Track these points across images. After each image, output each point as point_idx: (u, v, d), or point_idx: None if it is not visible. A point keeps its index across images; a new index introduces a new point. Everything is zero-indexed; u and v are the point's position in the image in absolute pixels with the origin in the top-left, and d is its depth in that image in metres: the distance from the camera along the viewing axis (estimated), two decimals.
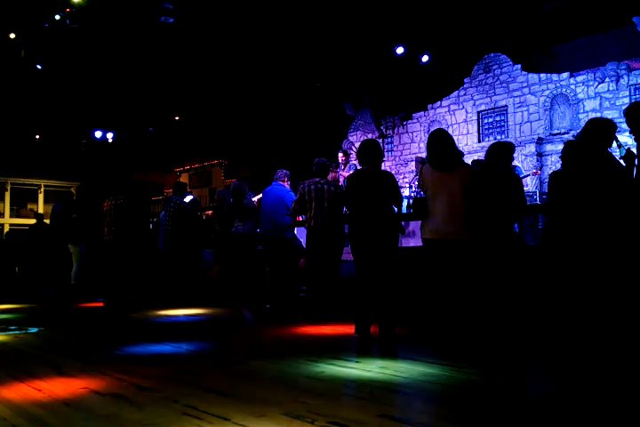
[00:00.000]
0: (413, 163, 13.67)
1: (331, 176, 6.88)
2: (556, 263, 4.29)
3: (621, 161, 4.56)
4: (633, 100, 12.28)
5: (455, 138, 5.15)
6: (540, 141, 13.35)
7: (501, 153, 4.86)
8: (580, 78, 13.11)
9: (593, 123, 4.26)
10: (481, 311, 4.28)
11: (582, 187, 4.11)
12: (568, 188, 4.24)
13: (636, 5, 11.21)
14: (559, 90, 13.42)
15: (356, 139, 17.10)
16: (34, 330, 5.52)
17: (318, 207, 5.96)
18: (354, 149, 13.41)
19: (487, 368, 3.46)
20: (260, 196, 7.28)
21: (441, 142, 4.44)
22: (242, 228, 7.26)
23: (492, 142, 5.23)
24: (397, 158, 16.68)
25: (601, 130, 4.18)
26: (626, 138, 7.25)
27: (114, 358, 4.06)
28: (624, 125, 4.93)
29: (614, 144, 6.57)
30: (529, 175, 9.81)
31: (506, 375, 3.32)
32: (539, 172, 10.16)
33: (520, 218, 5.48)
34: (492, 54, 14.70)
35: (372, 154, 4.84)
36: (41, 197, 29.91)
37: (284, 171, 7.12)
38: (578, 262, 4.07)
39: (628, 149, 4.77)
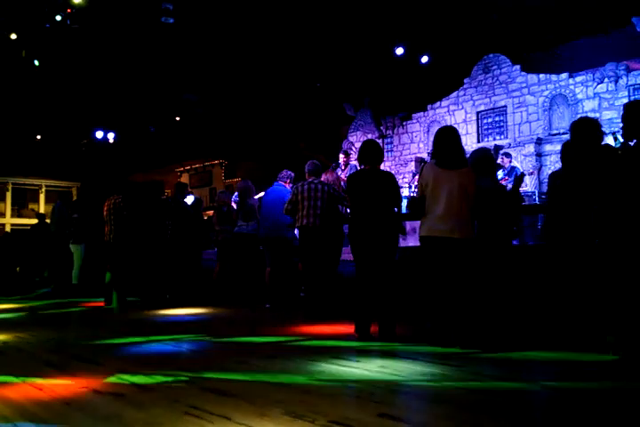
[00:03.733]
0: (413, 163, 13.69)
1: (330, 176, 6.86)
2: (558, 261, 4.28)
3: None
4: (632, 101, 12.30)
5: None
6: (539, 142, 13.37)
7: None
8: (579, 79, 13.12)
9: (576, 124, 4.24)
10: (476, 309, 4.26)
11: (571, 186, 4.12)
12: (562, 187, 4.24)
13: (636, 5, 11.23)
14: (558, 90, 13.44)
15: (356, 139, 17.11)
16: (34, 329, 5.53)
17: (310, 207, 5.95)
18: (354, 149, 13.44)
19: (485, 367, 3.48)
20: (261, 195, 7.28)
21: (449, 139, 4.37)
22: (245, 228, 7.26)
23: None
24: (397, 158, 16.70)
25: (584, 130, 4.16)
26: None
27: (115, 357, 4.07)
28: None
29: (611, 141, 6.55)
30: (525, 174, 9.87)
31: (506, 375, 3.33)
32: (534, 172, 10.17)
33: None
34: (492, 55, 14.72)
35: (372, 154, 4.85)
36: (42, 196, 29.97)
37: (289, 172, 7.10)
38: (578, 259, 4.07)
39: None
